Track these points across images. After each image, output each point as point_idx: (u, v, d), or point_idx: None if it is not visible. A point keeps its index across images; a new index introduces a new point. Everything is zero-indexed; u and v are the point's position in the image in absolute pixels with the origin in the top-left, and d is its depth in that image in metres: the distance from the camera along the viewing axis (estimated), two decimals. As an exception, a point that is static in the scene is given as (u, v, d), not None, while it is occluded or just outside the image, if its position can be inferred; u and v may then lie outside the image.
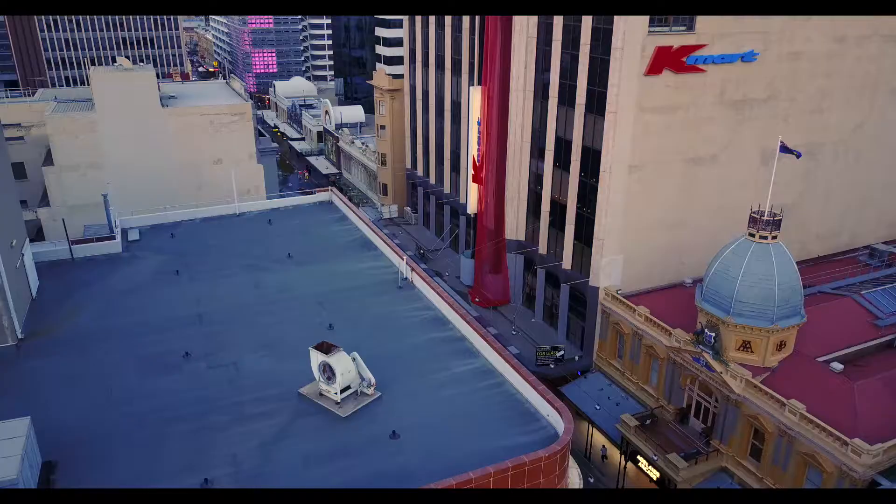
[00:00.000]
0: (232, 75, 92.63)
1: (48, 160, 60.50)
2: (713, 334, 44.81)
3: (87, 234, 54.57)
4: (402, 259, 36.52)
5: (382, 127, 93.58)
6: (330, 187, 50.62)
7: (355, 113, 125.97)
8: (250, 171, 65.17)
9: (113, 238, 41.21)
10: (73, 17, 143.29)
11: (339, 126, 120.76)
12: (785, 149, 45.25)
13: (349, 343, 27.48)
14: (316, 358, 25.74)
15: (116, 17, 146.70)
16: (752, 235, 43.94)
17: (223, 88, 74.34)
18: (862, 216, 64.57)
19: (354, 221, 44.76)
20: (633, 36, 47.53)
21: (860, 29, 56.30)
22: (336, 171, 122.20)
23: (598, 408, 47.82)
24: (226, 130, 63.45)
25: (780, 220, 43.45)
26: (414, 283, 35.94)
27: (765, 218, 43.30)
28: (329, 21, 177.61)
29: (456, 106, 73.50)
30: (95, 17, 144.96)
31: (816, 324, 45.82)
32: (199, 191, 63.12)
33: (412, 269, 36.04)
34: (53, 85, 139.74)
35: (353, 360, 25.96)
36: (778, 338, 43.72)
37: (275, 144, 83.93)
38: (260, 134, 78.26)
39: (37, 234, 61.61)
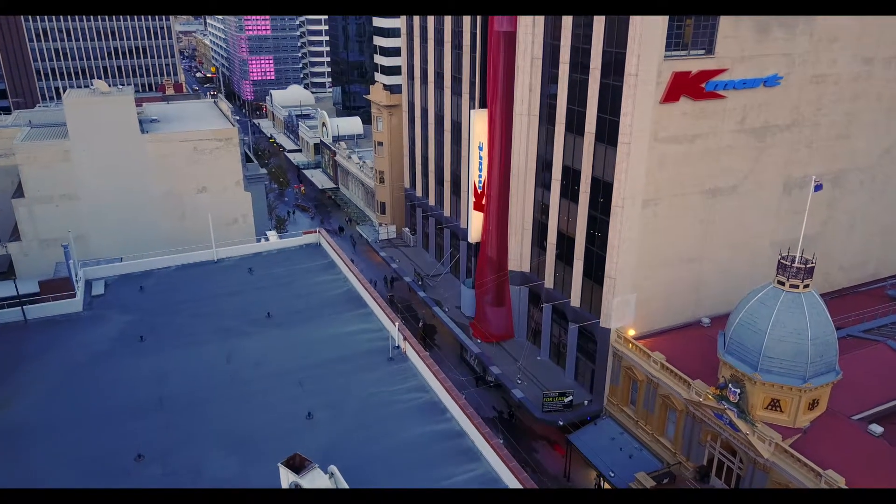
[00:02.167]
0: (220, 95, 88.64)
1: (19, 191, 56.50)
2: (738, 390, 40.70)
3: (57, 274, 50.77)
4: (395, 324, 32.31)
5: (380, 143, 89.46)
6: (318, 228, 46.41)
7: (353, 125, 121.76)
8: (237, 199, 61.34)
9: (73, 295, 36.83)
10: (62, 27, 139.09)
11: (337, 139, 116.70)
12: (818, 186, 41.35)
13: (330, 438, 23.53)
14: (286, 477, 21.45)
15: (108, 26, 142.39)
16: (782, 283, 39.76)
17: (210, 109, 70.32)
18: (889, 245, 60.80)
19: (343, 269, 40.58)
20: (647, 61, 43.50)
21: (890, 49, 52.30)
22: (333, 185, 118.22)
23: (612, 474, 43.76)
24: (211, 156, 59.54)
25: (813, 268, 39.29)
26: (406, 354, 31.72)
27: (795, 265, 39.11)
28: (327, 28, 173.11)
29: (456, 126, 69.43)
30: (86, 26, 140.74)
31: (849, 375, 41.64)
32: (183, 221, 59.32)
33: (405, 338, 31.79)
34: (43, 97, 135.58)
35: (331, 476, 21.73)
36: (810, 396, 39.61)
37: (263, 171, 79.85)
38: (248, 160, 74.23)
39: (9, 267, 57.82)
